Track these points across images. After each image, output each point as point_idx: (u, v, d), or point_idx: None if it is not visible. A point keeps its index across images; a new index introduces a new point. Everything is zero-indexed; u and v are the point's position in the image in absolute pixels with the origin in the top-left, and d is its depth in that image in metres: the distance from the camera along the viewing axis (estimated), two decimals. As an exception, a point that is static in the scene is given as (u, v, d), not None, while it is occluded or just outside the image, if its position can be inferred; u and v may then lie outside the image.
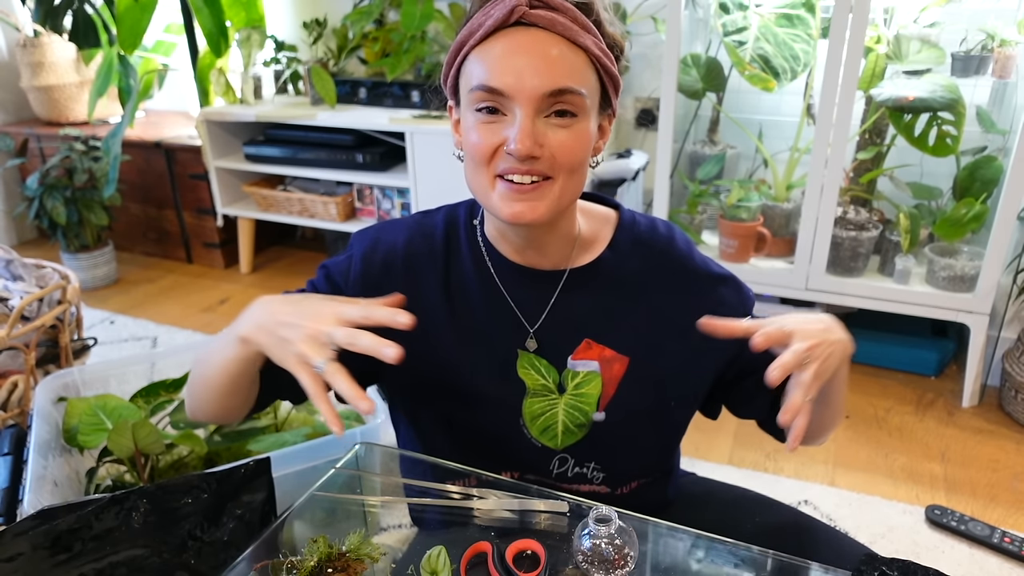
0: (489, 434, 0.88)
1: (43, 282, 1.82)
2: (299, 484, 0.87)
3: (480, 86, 0.71)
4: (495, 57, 0.71)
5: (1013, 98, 1.93)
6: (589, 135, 0.75)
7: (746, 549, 0.75)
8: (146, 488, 0.84)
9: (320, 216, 2.71)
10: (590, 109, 0.74)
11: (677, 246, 0.86)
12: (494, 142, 0.72)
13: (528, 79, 0.70)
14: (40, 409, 1.28)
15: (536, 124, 0.71)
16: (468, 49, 0.73)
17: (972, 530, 1.51)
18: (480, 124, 0.73)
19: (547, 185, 0.74)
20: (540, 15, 0.70)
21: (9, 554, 0.77)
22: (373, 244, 0.87)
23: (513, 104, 0.71)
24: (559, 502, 0.82)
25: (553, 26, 0.71)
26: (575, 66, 0.71)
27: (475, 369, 0.86)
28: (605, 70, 0.74)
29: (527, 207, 0.73)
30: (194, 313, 2.64)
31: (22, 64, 2.98)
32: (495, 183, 0.74)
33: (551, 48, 0.70)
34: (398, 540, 0.94)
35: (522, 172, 0.72)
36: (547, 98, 0.70)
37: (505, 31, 0.71)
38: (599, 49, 0.73)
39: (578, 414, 0.86)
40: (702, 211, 2.26)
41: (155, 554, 0.81)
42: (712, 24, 2.09)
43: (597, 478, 0.90)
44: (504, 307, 0.85)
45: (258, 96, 2.77)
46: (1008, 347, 1.98)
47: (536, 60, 0.70)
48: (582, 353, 0.85)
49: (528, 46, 0.70)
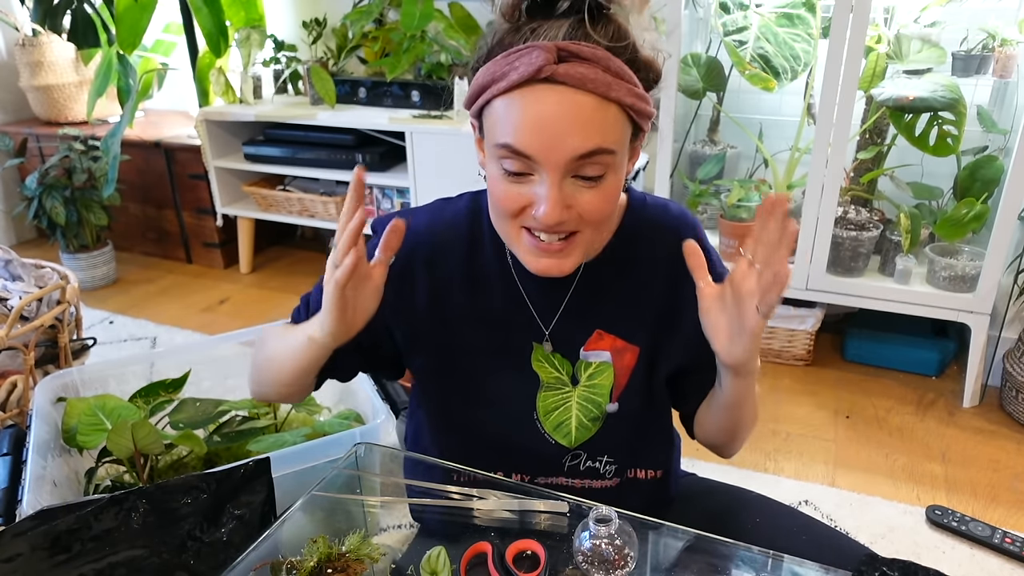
0: (503, 431, 0.89)
1: (42, 282, 1.82)
2: (299, 484, 0.87)
3: (505, 145, 0.68)
4: (520, 117, 0.67)
5: (1014, 98, 1.93)
6: (619, 187, 0.73)
7: (746, 549, 0.75)
8: (145, 488, 0.84)
9: (320, 216, 2.71)
10: (620, 161, 0.71)
11: (683, 230, 0.84)
12: (521, 202, 0.71)
13: (556, 145, 0.66)
14: (39, 409, 1.28)
15: (564, 188, 0.69)
16: (491, 95, 0.69)
17: (973, 530, 1.51)
18: (506, 180, 0.71)
19: (574, 239, 0.73)
20: (569, 73, 0.65)
21: (8, 554, 0.77)
22: (435, 213, 0.87)
23: (540, 168, 0.68)
24: (559, 502, 0.82)
25: (583, 83, 0.65)
26: (605, 124, 0.67)
27: (491, 359, 0.86)
28: (639, 112, 0.70)
29: (554, 263, 0.74)
30: (194, 313, 2.64)
31: (21, 64, 2.98)
32: (521, 234, 0.74)
33: (581, 110, 0.66)
34: (398, 540, 0.93)
35: (550, 233, 0.72)
36: (576, 160, 0.68)
37: (532, 86, 0.66)
38: (633, 95, 0.68)
39: (591, 407, 0.86)
40: (702, 211, 2.26)
41: (154, 554, 0.81)
42: (712, 24, 2.09)
43: (609, 471, 0.90)
44: (521, 303, 0.85)
45: (258, 96, 2.77)
46: (1009, 347, 1.97)
47: (564, 124, 0.66)
48: (594, 344, 0.85)
49: (555, 108, 0.66)
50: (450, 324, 0.86)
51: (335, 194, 2.68)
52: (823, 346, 2.25)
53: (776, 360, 2.20)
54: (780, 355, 2.20)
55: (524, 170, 0.69)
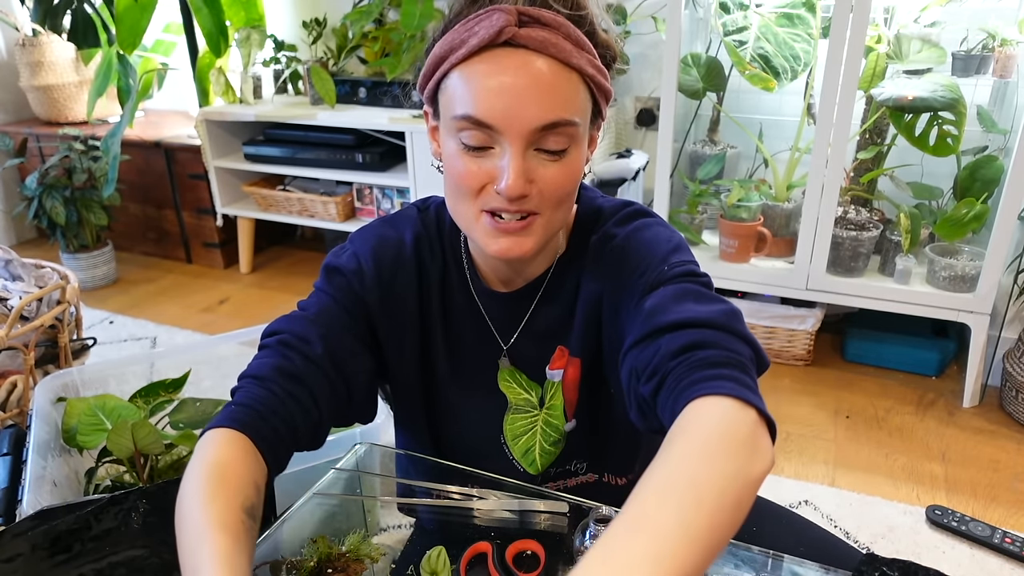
0: (472, 456, 0.87)
1: (42, 282, 1.82)
2: (299, 484, 0.87)
3: (465, 116, 0.65)
4: (480, 83, 0.64)
5: (1014, 98, 1.93)
6: (581, 163, 0.70)
7: (746, 549, 0.75)
8: (146, 488, 0.84)
9: (320, 216, 2.71)
10: (583, 134, 0.69)
11: (619, 232, 0.79)
12: (482, 178, 0.67)
13: (519, 113, 0.63)
14: (39, 409, 1.28)
15: (527, 160, 0.66)
16: (449, 66, 0.67)
17: (973, 530, 1.51)
18: (465, 155, 0.67)
19: (534, 220, 0.69)
20: (531, 36, 0.63)
21: (8, 554, 0.77)
22: (380, 242, 0.81)
23: (502, 138, 0.65)
24: (559, 502, 0.82)
25: (545, 47, 0.63)
26: (568, 93, 0.65)
27: (460, 381, 0.85)
28: (599, 87, 0.69)
29: (514, 243, 0.69)
30: (194, 313, 2.64)
31: (21, 64, 2.98)
32: (481, 217, 0.70)
33: (543, 76, 0.63)
34: (398, 540, 0.93)
35: (511, 211, 0.68)
36: (539, 132, 0.65)
37: (492, 51, 0.64)
38: (593, 67, 0.67)
39: (550, 431, 0.85)
40: (702, 211, 2.26)
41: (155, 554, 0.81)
42: (712, 24, 2.09)
43: (582, 468, 0.90)
44: (481, 322, 0.83)
45: (258, 96, 2.77)
46: (1009, 347, 1.97)
47: (527, 91, 0.63)
48: (556, 362, 0.83)
49: (517, 73, 0.63)
50: (428, 339, 0.84)
51: (335, 194, 2.68)
52: (823, 346, 2.25)
53: (776, 360, 2.20)
54: (780, 355, 2.20)
55: (485, 143, 0.66)
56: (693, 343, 0.62)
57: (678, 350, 0.62)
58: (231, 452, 0.64)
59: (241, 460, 0.64)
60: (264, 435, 0.67)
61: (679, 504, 0.47)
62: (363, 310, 0.79)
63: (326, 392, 0.73)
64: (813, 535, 0.87)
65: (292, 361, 0.72)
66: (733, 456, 0.52)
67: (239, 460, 0.64)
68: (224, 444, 0.65)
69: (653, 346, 0.65)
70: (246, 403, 0.68)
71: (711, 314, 0.64)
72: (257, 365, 0.72)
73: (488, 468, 0.87)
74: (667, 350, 0.63)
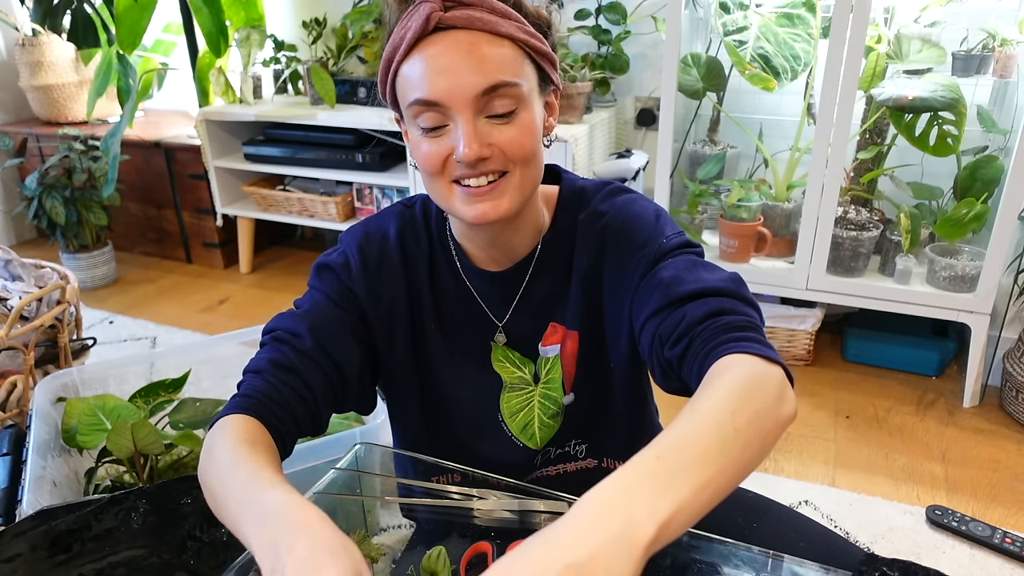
0: (470, 437, 0.89)
1: (42, 282, 1.82)
2: (299, 484, 0.86)
3: (415, 101, 0.71)
4: (422, 69, 0.70)
5: (1014, 98, 1.93)
6: (535, 122, 0.74)
7: (746, 549, 0.75)
8: (146, 488, 0.84)
9: (320, 216, 2.71)
10: (529, 95, 0.73)
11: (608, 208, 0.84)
12: (443, 153, 0.72)
13: (459, 84, 0.69)
14: (39, 409, 1.28)
15: (479, 126, 0.71)
16: (396, 65, 0.72)
17: (973, 530, 1.51)
18: (426, 138, 0.73)
19: (504, 181, 0.74)
20: (456, 16, 0.69)
21: (8, 554, 0.77)
22: (365, 236, 0.86)
23: (451, 112, 0.70)
24: (559, 502, 0.82)
25: (472, 23, 0.69)
26: (503, 58, 0.70)
27: (453, 363, 0.87)
28: (536, 51, 0.73)
29: (490, 206, 0.73)
30: (193, 313, 2.64)
31: (21, 64, 2.98)
32: (453, 189, 0.74)
33: (474, 47, 0.69)
34: (398, 540, 0.93)
35: (477, 175, 0.73)
36: (483, 97, 0.70)
37: (427, 40, 0.70)
38: (525, 33, 0.72)
39: (549, 403, 0.87)
40: (702, 211, 2.26)
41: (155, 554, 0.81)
42: (712, 24, 2.09)
43: (581, 452, 0.91)
44: (473, 303, 0.86)
45: (258, 96, 2.77)
46: (1009, 347, 1.97)
47: (462, 63, 0.69)
48: (549, 338, 0.86)
49: (451, 50, 0.69)
50: (419, 331, 0.87)
51: (335, 194, 2.68)
52: (823, 346, 2.25)
53: (776, 360, 2.20)
54: (780, 355, 2.19)
55: (439, 122, 0.71)
56: (716, 310, 0.69)
57: (703, 316, 0.69)
58: (251, 427, 0.70)
59: (262, 434, 0.70)
60: (270, 420, 0.72)
61: (720, 429, 0.55)
62: (352, 301, 0.83)
63: (319, 380, 0.77)
64: (813, 532, 0.87)
65: (285, 354, 0.77)
66: (766, 397, 0.60)
67: (261, 433, 0.70)
68: (241, 423, 0.70)
69: (678, 313, 0.71)
70: (249, 394, 0.74)
71: (723, 283, 0.72)
72: (255, 361, 0.78)
73: (488, 446, 0.89)
74: (692, 317, 0.69)
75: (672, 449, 0.53)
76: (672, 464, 0.52)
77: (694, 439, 0.54)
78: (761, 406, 0.59)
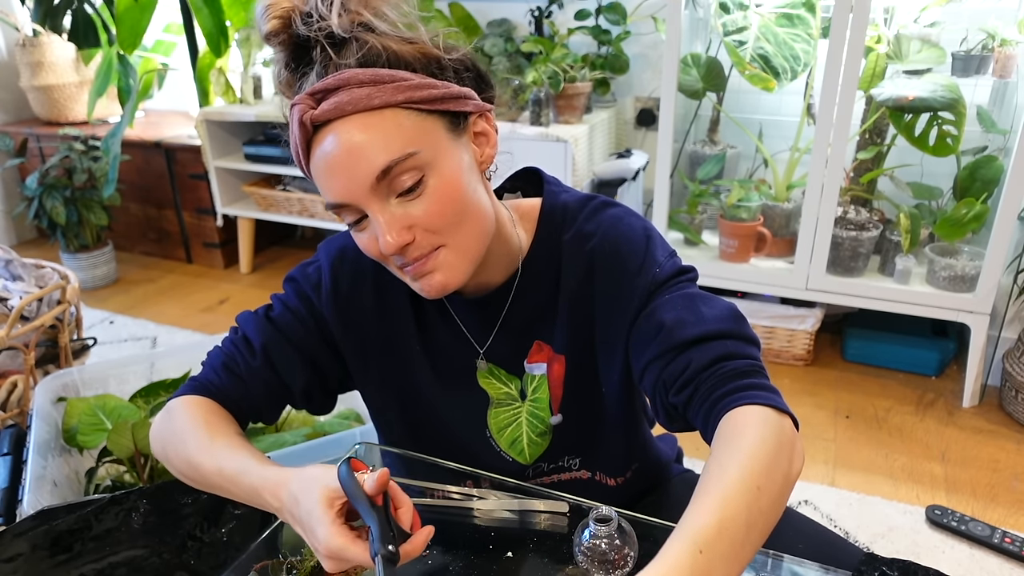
0: (459, 450, 0.88)
1: (42, 282, 1.82)
2: (299, 484, 0.86)
3: (327, 205, 0.70)
4: (318, 174, 0.68)
5: (1014, 98, 1.93)
6: (452, 180, 0.68)
7: (747, 549, 0.75)
8: (146, 488, 0.84)
9: (320, 216, 2.71)
10: (435, 154, 0.67)
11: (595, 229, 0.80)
12: (376, 248, 0.70)
13: (350, 181, 0.65)
14: (39, 409, 1.28)
15: (391, 211, 0.67)
16: (305, 169, 0.70)
17: (972, 530, 1.51)
18: (356, 232, 0.71)
19: (441, 253, 0.70)
20: (327, 110, 0.65)
21: (9, 554, 0.77)
22: (341, 253, 0.83)
23: (359, 206, 0.67)
24: (559, 502, 0.82)
25: (342, 111, 0.65)
26: (385, 136, 0.65)
27: (439, 382, 0.85)
28: (425, 101, 0.67)
29: (437, 280, 0.70)
30: (194, 313, 2.64)
31: (21, 64, 2.98)
32: (399, 271, 0.72)
33: (352, 136, 0.65)
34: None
35: (412, 259, 0.69)
36: (380, 182, 0.66)
37: (314, 139, 0.67)
38: (407, 89, 0.66)
39: (536, 422, 0.85)
40: (702, 211, 2.26)
41: (155, 554, 0.81)
42: (712, 24, 2.09)
43: (575, 464, 0.90)
44: (455, 327, 0.84)
45: (258, 96, 2.77)
46: (1008, 347, 1.97)
47: (346, 158, 0.65)
48: (535, 356, 0.84)
49: (334, 147, 0.65)
50: (398, 351, 0.85)
51: (335, 194, 2.68)
52: (823, 346, 2.25)
53: (776, 360, 2.20)
54: (780, 355, 2.20)
55: (358, 215, 0.69)
56: (720, 355, 0.69)
57: (708, 363, 0.69)
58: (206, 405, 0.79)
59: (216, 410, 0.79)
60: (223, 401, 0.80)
61: (748, 512, 0.58)
62: (319, 322, 0.83)
63: (261, 396, 0.82)
64: (813, 532, 0.87)
65: (237, 362, 0.82)
66: (784, 469, 0.63)
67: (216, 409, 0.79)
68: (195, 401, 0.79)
69: (682, 359, 0.70)
70: (202, 382, 0.82)
71: (725, 323, 0.71)
72: (213, 355, 0.84)
73: (477, 462, 0.87)
74: (698, 364, 0.69)
75: (709, 543, 0.56)
76: (710, 558, 0.55)
77: (724, 526, 0.57)
78: (782, 478, 0.62)
